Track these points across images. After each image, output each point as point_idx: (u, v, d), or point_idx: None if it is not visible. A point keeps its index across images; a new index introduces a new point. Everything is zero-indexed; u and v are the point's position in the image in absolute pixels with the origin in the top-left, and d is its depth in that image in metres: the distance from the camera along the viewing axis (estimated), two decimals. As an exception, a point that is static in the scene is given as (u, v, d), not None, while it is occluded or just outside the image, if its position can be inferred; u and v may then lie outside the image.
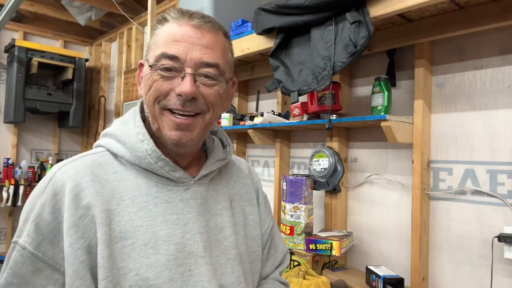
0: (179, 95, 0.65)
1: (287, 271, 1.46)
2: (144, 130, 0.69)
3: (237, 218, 0.78)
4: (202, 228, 0.70)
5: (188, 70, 0.65)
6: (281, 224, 1.57)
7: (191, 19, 0.67)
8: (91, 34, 3.97)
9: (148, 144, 0.68)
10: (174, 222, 0.67)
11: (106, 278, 0.59)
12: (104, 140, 0.72)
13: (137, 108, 0.74)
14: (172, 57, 0.65)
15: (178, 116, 0.66)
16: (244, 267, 0.75)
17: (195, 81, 0.66)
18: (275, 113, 1.84)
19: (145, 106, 0.71)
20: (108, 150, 0.71)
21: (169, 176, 0.69)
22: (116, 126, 0.73)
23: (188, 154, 0.74)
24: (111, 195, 0.65)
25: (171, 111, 0.67)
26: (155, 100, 0.67)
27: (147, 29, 2.27)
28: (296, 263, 1.51)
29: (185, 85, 0.64)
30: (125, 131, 0.70)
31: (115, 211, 0.64)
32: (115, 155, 0.70)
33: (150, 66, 0.67)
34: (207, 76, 0.67)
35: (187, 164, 0.74)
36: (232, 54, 0.75)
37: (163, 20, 0.69)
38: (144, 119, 0.72)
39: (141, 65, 0.73)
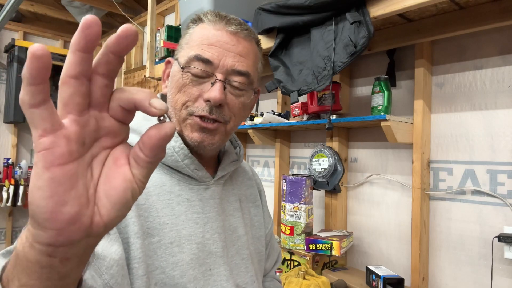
0: (207, 100, 0.64)
1: (287, 271, 1.46)
2: None
3: (245, 219, 0.79)
4: (220, 228, 0.70)
5: (219, 76, 0.65)
6: (281, 224, 1.57)
7: (228, 24, 0.67)
8: (91, 34, 3.97)
9: (176, 142, 0.67)
10: (195, 221, 0.67)
11: (146, 274, 0.58)
12: None
13: None
14: (206, 61, 0.64)
15: (204, 120, 0.66)
16: (255, 266, 0.77)
17: (224, 88, 0.65)
18: (275, 113, 1.84)
19: (170, 107, 0.69)
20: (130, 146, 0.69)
21: (192, 174, 0.68)
22: (139, 121, 0.71)
23: (208, 156, 0.73)
24: None
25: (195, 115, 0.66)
26: (183, 105, 0.66)
27: (147, 29, 2.27)
28: (296, 263, 1.51)
29: (214, 91, 0.64)
30: (149, 126, 0.69)
31: (143, 206, 0.63)
32: None
33: (182, 68, 0.66)
34: (236, 86, 0.67)
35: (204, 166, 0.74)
36: (262, 63, 0.75)
37: (198, 21, 0.69)
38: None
39: (168, 62, 0.73)
